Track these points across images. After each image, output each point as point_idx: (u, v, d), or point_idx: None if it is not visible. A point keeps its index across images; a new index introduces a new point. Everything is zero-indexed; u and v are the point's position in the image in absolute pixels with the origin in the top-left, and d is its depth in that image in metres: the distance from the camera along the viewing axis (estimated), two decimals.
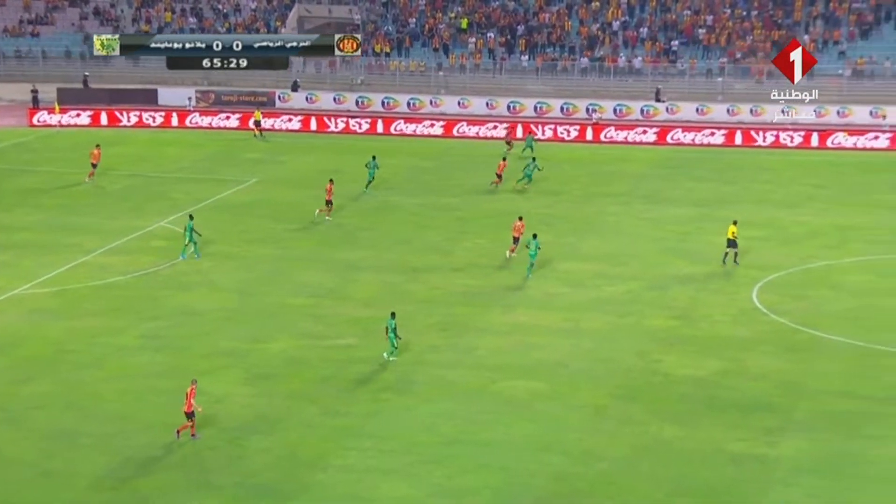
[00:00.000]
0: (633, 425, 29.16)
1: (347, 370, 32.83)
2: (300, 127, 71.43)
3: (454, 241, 46.48)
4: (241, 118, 71.99)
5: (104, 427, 28.92)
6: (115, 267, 42.27)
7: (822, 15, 78.69)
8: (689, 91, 75.68)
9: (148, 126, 71.83)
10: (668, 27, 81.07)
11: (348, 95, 77.84)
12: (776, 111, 70.75)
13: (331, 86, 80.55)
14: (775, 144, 65.70)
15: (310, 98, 78.02)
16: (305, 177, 58.48)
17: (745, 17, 79.93)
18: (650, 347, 34.52)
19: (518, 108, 75.15)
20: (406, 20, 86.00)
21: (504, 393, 31.19)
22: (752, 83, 75.86)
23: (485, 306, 38.36)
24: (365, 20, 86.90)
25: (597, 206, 52.31)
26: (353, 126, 71.00)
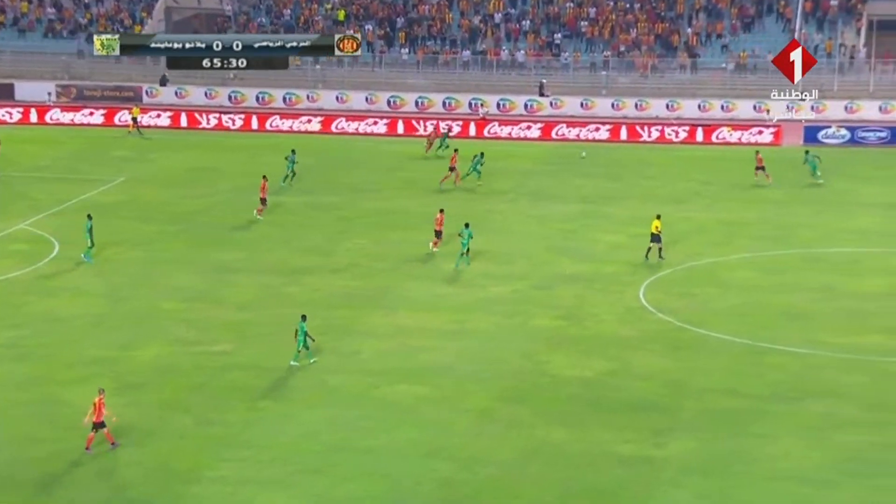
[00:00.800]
0: (521, 428, 29.53)
1: (222, 377, 32.55)
2: (170, 123, 70.43)
3: (335, 241, 46.41)
4: (106, 114, 70.65)
5: None
6: None
7: (704, 8, 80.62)
8: (574, 85, 76.79)
9: (4, 123, 69.97)
10: (551, 20, 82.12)
11: (220, 90, 76.96)
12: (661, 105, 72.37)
13: (202, 80, 79.39)
14: (660, 139, 67.12)
15: (179, 93, 76.95)
16: (176, 175, 57.70)
17: (628, 9, 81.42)
18: (537, 348, 34.98)
19: (399, 102, 75.30)
20: (280, 11, 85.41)
21: (388, 398, 31.29)
22: (636, 77, 77.37)
23: (367, 308, 38.41)
24: (237, 11, 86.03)
25: (482, 203, 52.75)
26: (226, 122, 70.30)
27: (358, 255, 44.51)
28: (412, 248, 45.25)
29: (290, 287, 40.51)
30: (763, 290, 40.35)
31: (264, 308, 38.31)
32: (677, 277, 41.94)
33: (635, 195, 54.03)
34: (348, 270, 42.51)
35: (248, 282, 41.00)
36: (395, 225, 48.75)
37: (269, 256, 43.99)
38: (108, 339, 35.15)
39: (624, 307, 38.67)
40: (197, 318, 37.31)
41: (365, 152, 63.24)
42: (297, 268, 42.65)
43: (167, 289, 40.13)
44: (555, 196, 54.11)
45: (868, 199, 52.87)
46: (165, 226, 48.14)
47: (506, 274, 42.09)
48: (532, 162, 62.16)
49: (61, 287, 39.93)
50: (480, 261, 43.56)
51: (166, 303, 38.65)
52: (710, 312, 38.14)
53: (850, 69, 75.42)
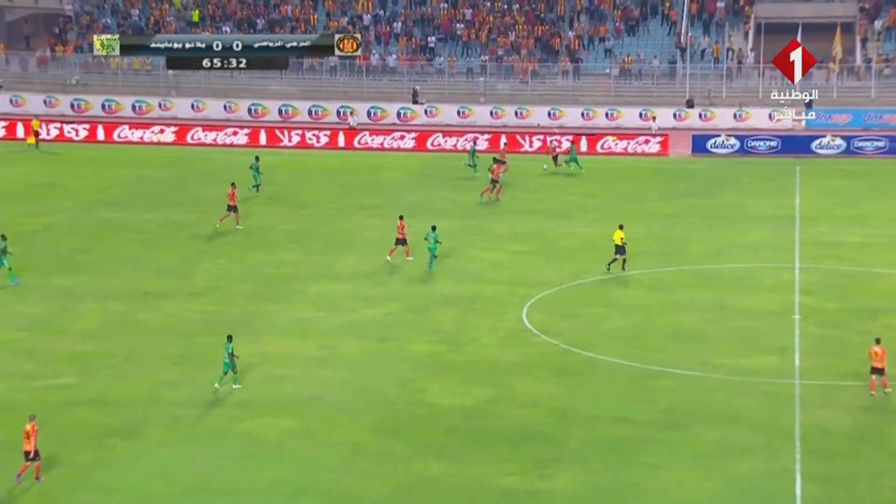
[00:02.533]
0: (396, 462, 29.46)
1: (66, 414, 31.81)
2: (4, 134, 68.74)
3: (192, 262, 45.81)
4: None
5: None
6: None
7: (586, 10, 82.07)
8: (450, 92, 77.39)
9: None
10: (425, 22, 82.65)
11: (61, 98, 75.55)
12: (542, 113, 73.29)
13: (40, 86, 77.93)
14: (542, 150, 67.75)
15: (15, 101, 75.30)
16: (12, 191, 56.28)
17: (506, 11, 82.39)
18: (413, 375, 34.99)
19: (260, 111, 74.87)
20: (128, 11, 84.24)
21: (251, 432, 30.94)
22: (515, 83, 78.29)
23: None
24: (79, 11, 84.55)
25: (351, 220, 52.67)
26: (68, 133, 68.92)
27: (217, 276, 44.00)
28: (276, 268, 44.93)
29: (142, 313, 39.82)
30: (652, 309, 41.05)
31: (112, 337, 37.58)
32: (562, 297, 42.41)
33: (516, 209, 54.53)
34: (207, 294, 41.99)
35: (94, 308, 40.20)
36: (258, 244, 48.35)
37: (117, 280, 43.20)
38: None
39: (506, 330, 38.94)
40: (36, 348, 36.46)
41: (224, 165, 62.57)
42: (150, 292, 41.96)
43: (3, 317, 39.16)
44: (431, 210, 54.21)
45: (759, 211, 54.27)
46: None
47: (378, 295, 42.05)
48: (406, 174, 62.30)
49: None
50: (350, 282, 43.45)
51: (2, 333, 37.65)
52: (598, 334, 38.65)
53: (739, 75, 77.50)
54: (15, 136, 68.06)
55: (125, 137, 69.04)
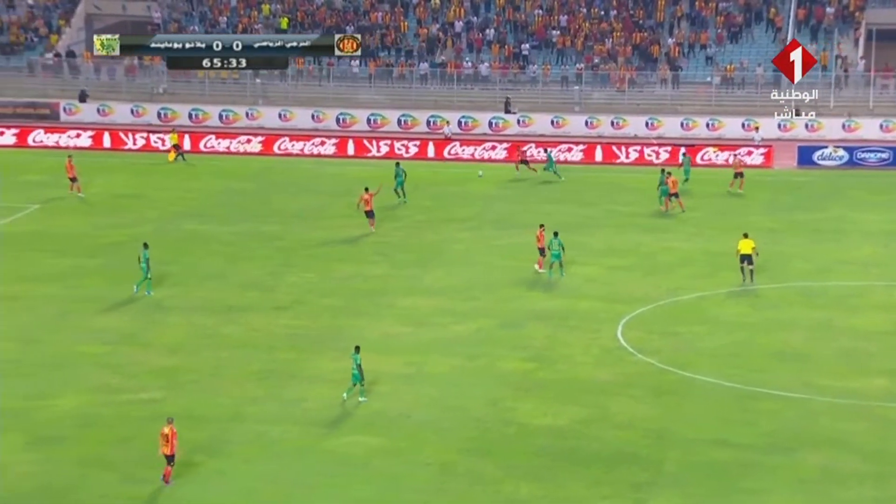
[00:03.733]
0: (485, 484, 29.48)
1: (151, 429, 32.25)
2: (91, 144, 70.09)
3: (277, 275, 46.30)
4: (18, 134, 70.28)
5: None
6: None
7: (687, 15, 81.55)
8: (543, 101, 77.35)
9: None
10: (518, 29, 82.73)
11: (148, 107, 76.86)
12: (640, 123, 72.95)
13: (127, 95, 79.40)
14: (639, 161, 67.58)
15: (102, 110, 76.76)
16: (98, 202, 57.38)
17: (603, 17, 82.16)
18: (503, 394, 34.98)
19: (349, 120, 75.49)
20: (215, 19, 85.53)
21: (337, 451, 31.17)
22: (612, 92, 78.00)
23: (313, 351, 38.31)
24: (167, 19, 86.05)
25: (440, 232, 52.86)
26: (154, 142, 70.03)
27: (303, 290, 44.42)
28: (363, 282, 45.25)
29: (227, 327, 40.35)
30: (754, 327, 40.63)
31: (197, 351, 38.12)
32: (659, 314, 42.14)
33: (611, 223, 54.33)
34: (292, 308, 42.41)
35: (179, 322, 40.80)
36: (344, 256, 48.74)
37: (202, 293, 43.80)
38: (19, 388, 34.79)
39: (600, 347, 38.79)
40: (121, 362, 37.06)
41: (310, 175, 63.19)
42: (235, 305, 42.49)
43: (87, 330, 39.85)
44: (522, 224, 54.18)
45: (868, 226, 53.46)
46: (85, 259, 47.83)
47: (468, 311, 42.13)
48: (496, 186, 62.35)
49: None
50: (439, 296, 43.60)
51: (86, 346, 38.36)
52: (696, 353, 38.34)
53: (848, 84, 76.44)
54: (101, 146, 69.30)
55: (211, 147, 70.00)
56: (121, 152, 69.39)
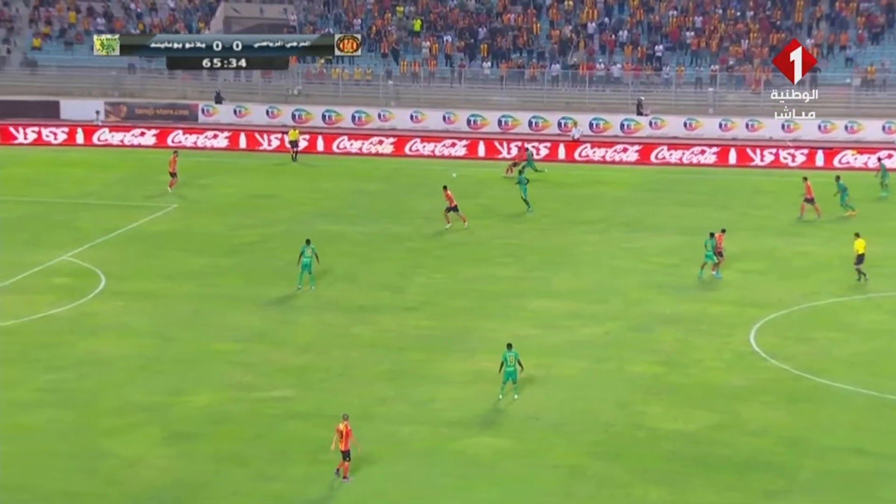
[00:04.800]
0: (614, 488, 29.26)
1: (282, 427, 32.72)
2: (227, 145, 71.37)
3: (406, 276, 46.56)
4: (158, 135, 71.83)
5: None
6: (8, 308, 41.92)
7: (826, 16, 79.96)
8: (676, 103, 76.54)
9: (48, 144, 71.48)
10: (652, 30, 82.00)
11: (283, 108, 77.95)
12: (776, 125, 71.70)
13: (263, 97, 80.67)
14: (774, 164, 66.51)
15: (238, 111, 78.06)
16: (232, 203, 58.36)
17: (739, 18, 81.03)
18: (633, 397, 34.70)
19: (480, 122, 75.61)
20: (350, 21, 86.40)
21: (465, 452, 31.20)
22: (747, 94, 76.89)
23: (442, 351, 38.42)
24: (302, 21, 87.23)
25: (569, 235, 52.64)
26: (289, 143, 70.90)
27: (432, 291, 44.59)
28: (492, 284, 45.27)
29: (357, 327, 40.68)
30: (892, 335, 39.66)
31: (327, 350, 38.51)
32: (794, 319, 41.40)
33: (745, 226, 53.51)
34: (422, 309, 42.60)
35: (311, 321, 41.25)
36: (474, 258, 48.81)
37: (334, 293, 44.24)
38: (156, 384, 35.55)
39: (732, 352, 38.23)
40: (254, 360, 37.59)
41: (441, 177, 63.38)
42: (365, 305, 42.83)
43: (221, 328, 40.51)
44: (653, 227, 53.81)
45: None
46: (220, 258, 48.65)
47: (597, 314, 41.88)
48: (627, 188, 61.94)
49: (106, 325, 40.51)
50: (567, 299, 43.41)
51: (220, 344, 39.00)
52: (832, 359, 37.56)
53: None
54: (237, 147, 70.50)
55: (344, 148, 70.71)
56: (256, 153, 70.48)
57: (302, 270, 44.03)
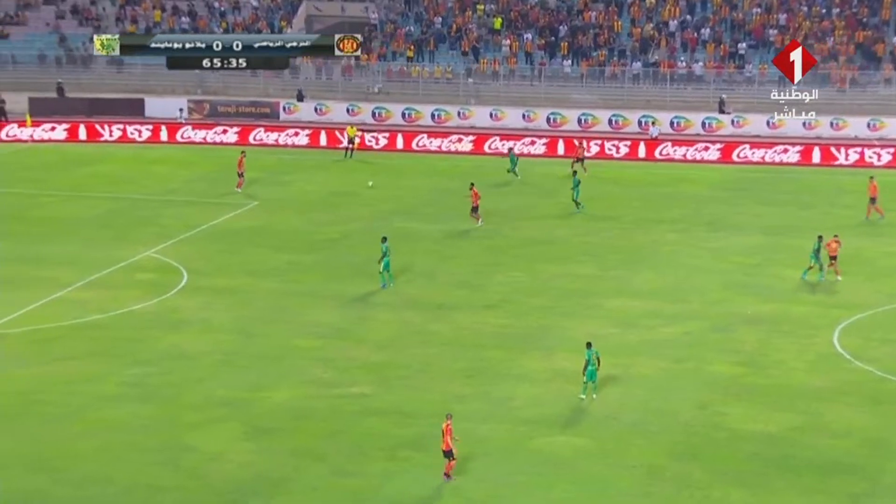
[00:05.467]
0: (694, 489, 29.06)
1: (360, 423, 32.88)
2: (308, 142, 71.87)
3: (485, 274, 46.57)
4: (240, 132, 72.55)
5: (80, 490, 29.06)
6: (94, 303, 42.57)
7: None
8: (759, 101, 75.62)
9: (133, 141, 72.49)
10: (735, 27, 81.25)
11: (364, 106, 78.33)
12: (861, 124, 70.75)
13: (343, 95, 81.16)
14: (859, 163, 65.60)
15: (319, 109, 78.57)
16: (313, 199, 58.76)
17: (824, 15, 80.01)
18: (713, 398, 34.43)
19: (559, 120, 75.43)
20: (431, 19, 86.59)
21: (543, 450, 31.17)
22: (832, 92, 75.79)
23: (521, 350, 38.40)
24: (383, 19, 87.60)
25: (650, 233, 52.34)
26: (369, 141, 71.35)
27: (511, 289, 44.56)
28: (571, 282, 45.15)
29: (436, 324, 40.78)
30: None
31: (406, 348, 38.64)
32: (878, 320, 40.81)
33: (828, 226, 52.72)
34: (500, 307, 42.59)
35: (389, 318, 41.42)
36: (553, 256, 48.71)
37: (412, 290, 44.37)
38: (237, 379, 35.91)
39: (815, 353, 37.78)
40: (334, 357, 37.83)
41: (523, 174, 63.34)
42: (444, 303, 42.92)
43: (302, 325, 40.80)
44: (734, 226, 53.34)
45: None
46: (300, 255, 49.01)
47: (677, 313, 41.60)
48: (708, 187, 61.47)
49: (188, 321, 40.99)
50: (647, 298, 43.17)
51: (301, 340, 39.29)
52: None
53: None
54: (318, 145, 71.04)
55: (423, 146, 70.90)
56: (336, 150, 70.84)
57: (383, 269, 44.20)
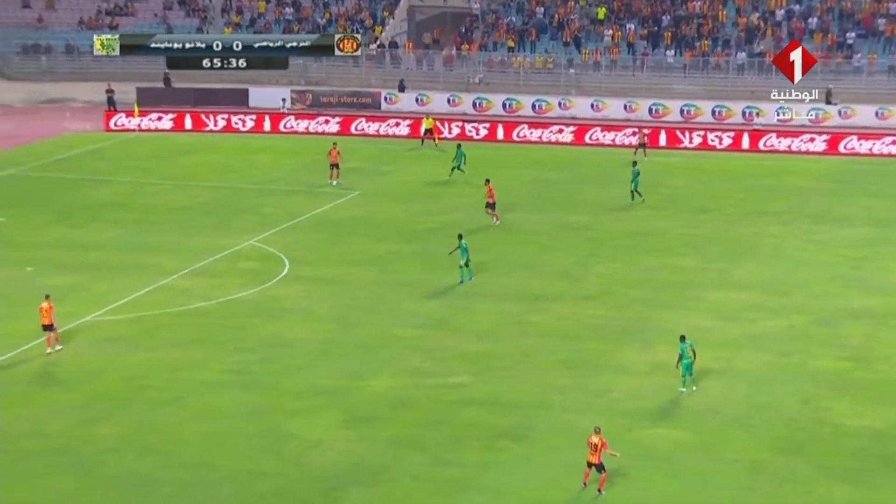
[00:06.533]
0: (797, 484, 28.66)
1: (459, 413, 32.92)
2: (409, 132, 72.03)
3: (584, 265, 46.33)
4: (342, 122, 72.97)
5: (185, 475, 29.50)
6: (198, 291, 43.17)
7: None
8: (867, 92, 74.36)
9: (237, 131, 73.29)
10: (843, 16, 79.78)
11: (464, 96, 78.31)
12: None
13: (444, 85, 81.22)
14: None
15: (420, 99, 78.71)
16: (413, 190, 58.91)
17: None
18: (817, 393, 33.90)
19: (661, 111, 74.73)
20: (532, 9, 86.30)
21: (642, 443, 30.94)
22: None
23: (620, 341, 38.15)
24: (485, 10, 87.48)
25: (753, 225, 51.65)
26: (469, 131, 71.28)
27: (610, 281, 44.28)
28: (671, 274, 44.73)
29: (534, 315, 40.66)
30: None
31: (505, 338, 38.58)
32: None
33: None
34: (599, 298, 42.35)
35: (488, 308, 41.38)
36: (653, 248, 48.29)
37: (510, 281, 44.29)
38: (337, 368, 36.16)
39: None
40: (432, 347, 37.90)
41: (620, 166, 62.92)
42: (542, 294, 42.77)
43: (401, 314, 40.95)
44: (840, 218, 52.41)
45: None
46: (400, 245, 49.17)
47: (780, 307, 41.00)
48: (814, 179, 60.49)
49: (289, 309, 41.36)
50: (749, 291, 42.61)
51: (400, 330, 39.44)
52: None
53: None
54: (419, 135, 71.19)
55: (524, 137, 70.68)
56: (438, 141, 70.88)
57: (463, 264, 43.94)
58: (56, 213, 54.15)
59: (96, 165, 64.36)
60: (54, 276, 44.20)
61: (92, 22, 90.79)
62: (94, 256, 47.36)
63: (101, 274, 45.03)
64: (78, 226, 52.15)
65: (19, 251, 47.81)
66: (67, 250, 48.02)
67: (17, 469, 29.81)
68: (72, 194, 57.71)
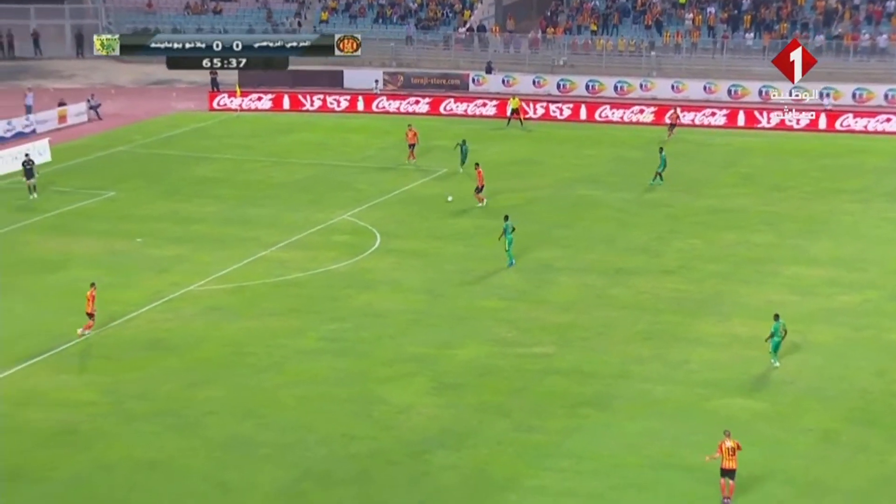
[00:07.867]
0: (870, 454, 28.26)
1: (543, 382, 32.91)
2: (495, 112, 71.82)
3: (663, 240, 45.96)
4: (432, 103, 72.95)
5: (282, 437, 29.84)
6: (295, 263, 43.54)
7: None
8: None
9: (332, 111, 73.61)
10: None
11: (549, 78, 77.87)
12: None
13: (530, 67, 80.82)
14: None
15: (506, 81, 78.43)
16: (498, 168, 58.70)
17: None
18: (891, 365, 33.39)
19: (740, 92, 73.72)
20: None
21: (719, 412, 30.69)
22: None
23: (697, 314, 37.83)
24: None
25: (829, 203, 50.85)
26: (553, 112, 70.94)
27: (688, 256, 43.89)
28: (748, 250, 44.23)
29: (615, 288, 40.45)
30: None
31: (587, 310, 38.44)
32: None
33: None
34: (677, 272, 42.00)
35: (571, 282, 41.25)
36: (730, 224, 47.75)
37: (592, 255, 44.08)
38: (426, 337, 36.28)
39: None
40: (518, 317, 37.88)
41: (700, 146, 62.25)
42: (623, 268, 42.53)
43: (486, 286, 40.97)
44: None
45: None
46: (485, 220, 49.02)
47: (855, 282, 40.35)
48: (891, 159, 59.36)
49: (381, 281, 41.55)
50: (825, 266, 41.99)
51: (486, 301, 39.45)
52: None
53: None
54: (504, 115, 70.95)
55: (606, 117, 70.16)
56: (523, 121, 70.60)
57: (508, 246, 43.05)
58: (163, 187, 54.88)
59: (200, 143, 65.06)
60: (162, 248, 44.90)
61: (197, 7, 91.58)
62: (198, 229, 47.95)
63: (204, 246, 45.60)
64: (183, 200, 52.80)
65: (130, 223, 48.55)
66: (174, 223, 48.67)
67: (127, 429, 30.37)
68: (177, 170, 58.43)
